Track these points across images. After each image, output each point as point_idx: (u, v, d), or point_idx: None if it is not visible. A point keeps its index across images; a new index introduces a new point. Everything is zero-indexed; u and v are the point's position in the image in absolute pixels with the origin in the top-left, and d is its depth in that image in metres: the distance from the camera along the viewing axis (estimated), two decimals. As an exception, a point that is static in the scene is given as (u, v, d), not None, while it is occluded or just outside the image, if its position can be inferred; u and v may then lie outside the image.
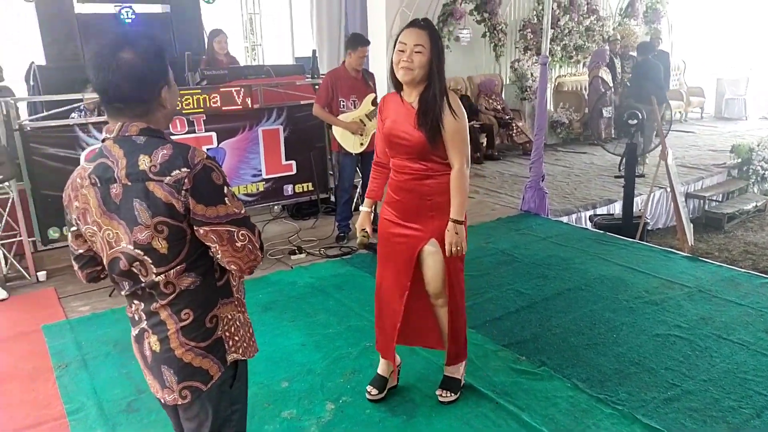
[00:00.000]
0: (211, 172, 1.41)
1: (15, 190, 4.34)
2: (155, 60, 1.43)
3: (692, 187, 7.51)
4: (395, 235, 2.59)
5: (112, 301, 4.02)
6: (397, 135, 2.46)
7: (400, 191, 2.55)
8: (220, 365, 1.51)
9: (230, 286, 1.55)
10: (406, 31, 2.38)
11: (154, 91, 1.44)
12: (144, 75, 1.41)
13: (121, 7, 6.01)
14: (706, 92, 12.29)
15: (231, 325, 1.54)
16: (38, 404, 2.89)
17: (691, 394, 2.80)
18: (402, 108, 2.47)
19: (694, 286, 4.00)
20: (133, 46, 1.40)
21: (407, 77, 2.37)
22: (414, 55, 2.33)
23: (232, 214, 1.42)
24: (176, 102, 1.55)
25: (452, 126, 2.40)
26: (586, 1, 10.09)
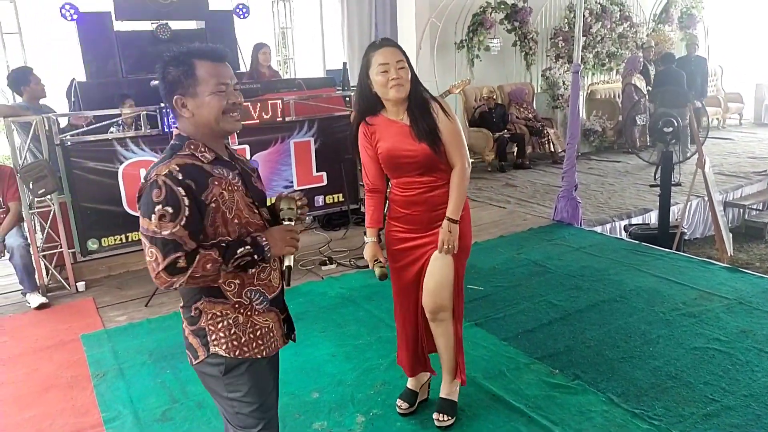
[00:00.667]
0: (154, 188, 1.51)
1: (56, 203, 4.48)
2: (172, 71, 1.59)
3: (731, 195, 7.30)
4: (407, 248, 2.56)
5: (148, 311, 4.11)
6: (400, 155, 2.42)
7: (410, 205, 2.51)
8: (204, 350, 1.67)
9: (220, 289, 1.64)
10: (381, 51, 2.35)
11: (170, 99, 1.62)
12: (163, 83, 1.62)
13: (158, 24, 6.17)
14: (745, 98, 11.97)
15: (218, 322, 1.66)
16: (77, 412, 2.96)
17: (732, 409, 2.71)
18: (393, 128, 2.44)
19: (733, 298, 3.88)
20: (165, 60, 1.61)
21: (401, 93, 2.36)
22: (400, 71, 2.34)
23: (151, 231, 1.52)
24: (208, 111, 1.60)
25: (448, 128, 2.40)
26: (619, 7, 9.96)
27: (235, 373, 1.68)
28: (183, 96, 1.60)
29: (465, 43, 8.49)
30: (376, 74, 2.35)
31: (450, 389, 2.75)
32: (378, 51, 2.36)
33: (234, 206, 1.62)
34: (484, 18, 8.40)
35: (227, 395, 1.70)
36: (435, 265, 2.51)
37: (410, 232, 2.54)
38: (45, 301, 4.27)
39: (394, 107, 2.43)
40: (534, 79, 9.51)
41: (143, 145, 4.66)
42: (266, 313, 1.72)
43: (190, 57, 1.59)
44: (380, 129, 2.47)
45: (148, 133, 4.70)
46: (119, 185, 4.59)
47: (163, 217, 1.50)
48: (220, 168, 1.64)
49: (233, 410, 1.72)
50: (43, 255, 4.55)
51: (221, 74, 1.61)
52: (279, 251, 1.66)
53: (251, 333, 1.69)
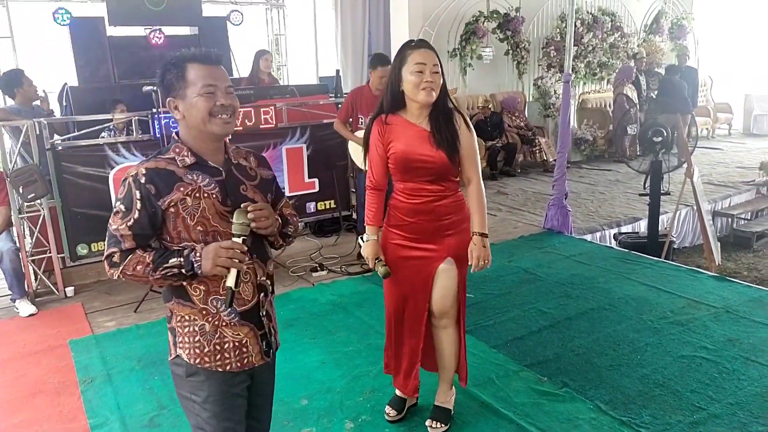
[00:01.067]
0: (122, 186, 1.60)
1: (46, 208, 4.46)
2: (166, 75, 1.65)
3: (720, 204, 7.37)
4: (409, 258, 2.52)
5: (137, 316, 4.09)
6: (416, 159, 2.39)
7: (416, 214, 2.47)
8: (174, 349, 1.72)
9: (187, 292, 1.66)
10: (420, 52, 2.35)
11: (164, 100, 1.68)
12: (160, 91, 1.74)
13: (151, 30, 6.18)
14: (734, 108, 12.09)
15: (185, 325, 1.68)
16: (63, 418, 2.94)
17: (718, 417, 2.73)
18: (411, 131, 2.42)
19: (721, 307, 3.92)
20: (163, 63, 1.68)
21: (431, 98, 2.35)
22: (434, 75, 2.33)
23: (108, 224, 1.62)
24: (197, 114, 1.62)
25: (468, 141, 2.42)
26: (610, 18, 10.06)
27: (196, 378, 1.69)
28: (174, 98, 1.64)
29: (458, 52, 8.54)
30: (409, 73, 2.34)
31: (446, 397, 2.75)
32: (416, 51, 2.36)
33: (197, 213, 1.60)
34: (477, 27, 8.46)
35: (190, 396, 1.72)
36: (442, 277, 2.51)
37: (412, 241, 2.50)
38: (34, 311, 4.24)
39: (418, 110, 2.42)
40: (526, 88, 9.57)
41: (134, 150, 4.66)
42: (238, 326, 1.68)
43: (183, 61, 1.63)
44: (396, 129, 2.44)
45: (139, 138, 4.70)
46: (110, 190, 4.58)
47: (117, 213, 1.59)
48: (195, 174, 1.63)
49: (194, 412, 1.72)
50: (32, 260, 4.52)
51: (210, 76, 1.62)
52: (209, 269, 1.54)
53: (217, 344, 1.67)
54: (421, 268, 2.52)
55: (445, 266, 2.51)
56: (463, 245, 2.50)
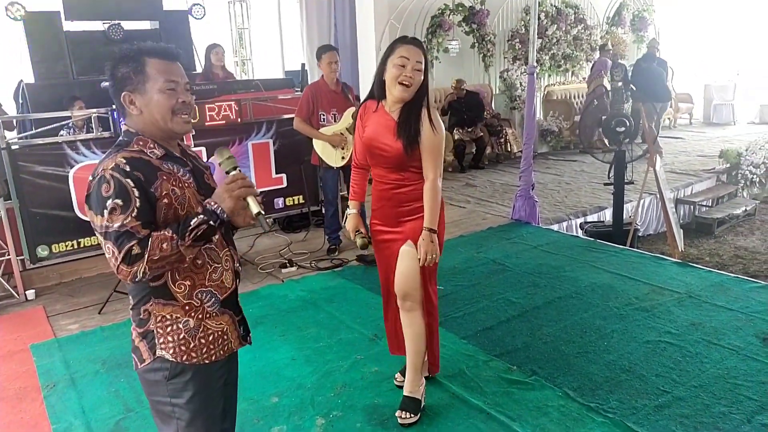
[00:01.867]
0: (104, 183, 1.49)
1: (3, 209, 4.32)
2: (120, 68, 1.58)
3: (682, 192, 7.55)
4: (383, 240, 2.69)
5: (101, 318, 4.00)
6: (377, 146, 2.54)
7: (381, 200, 2.65)
8: (150, 353, 1.62)
9: (170, 291, 1.60)
10: (408, 47, 2.44)
11: (117, 96, 1.59)
12: (111, 82, 1.59)
13: (109, 24, 6.01)
14: (695, 98, 12.40)
15: (167, 325, 1.62)
16: (25, 425, 2.86)
17: (682, 400, 2.80)
18: (382, 119, 2.54)
19: (684, 292, 4.01)
20: (112, 56, 1.60)
21: (404, 93, 2.44)
22: (414, 72, 2.42)
23: (104, 227, 1.49)
24: (158, 111, 1.58)
25: (430, 140, 2.48)
26: (574, 10, 10.19)
27: (181, 378, 1.63)
28: (131, 93, 1.57)
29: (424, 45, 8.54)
30: (393, 65, 2.43)
31: (414, 386, 2.76)
32: (404, 45, 2.45)
33: (186, 203, 1.59)
34: (443, 20, 8.48)
35: (170, 400, 1.64)
36: (402, 257, 2.61)
37: (382, 225, 2.68)
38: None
39: (392, 101, 2.51)
40: (492, 81, 9.64)
41: (95, 148, 4.53)
42: (219, 316, 1.68)
43: (140, 54, 1.57)
44: (373, 116, 2.58)
45: (99, 135, 4.58)
46: (70, 190, 4.46)
47: (114, 211, 1.47)
48: (170, 164, 1.60)
49: (173, 417, 1.65)
50: (-11, 263, 4.38)
51: (171, 72, 1.59)
52: (231, 204, 1.54)
53: (202, 338, 1.65)
54: (388, 249, 2.67)
55: (405, 248, 2.61)
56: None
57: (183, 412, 1.65)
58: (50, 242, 4.45)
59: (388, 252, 2.67)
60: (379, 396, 2.90)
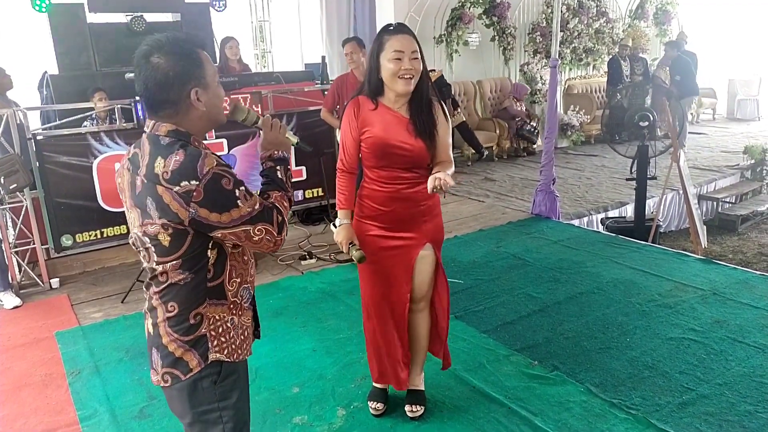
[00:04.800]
0: (221, 179, 1.43)
1: (29, 198, 4.38)
2: (182, 62, 1.46)
3: (705, 188, 7.44)
4: (387, 248, 2.47)
5: (124, 307, 4.05)
6: (394, 145, 2.33)
7: (392, 201, 2.42)
8: (201, 360, 1.54)
9: (224, 289, 1.57)
10: (398, 38, 2.25)
11: (182, 93, 1.47)
12: (167, 77, 1.45)
13: (132, 16, 6.06)
14: (718, 93, 12.20)
15: (219, 326, 1.57)
16: (51, 410, 2.90)
17: (707, 398, 2.76)
18: (389, 116, 2.35)
19: (708, 289, 3.95)
20: (162, 48, 1.46)
21: (409, 87, 2.28)
22: (413, 61, 2.25)
23: (245, 214, 1.46)
24: (218, 103, 1.55)
25: (444, 129, 2.38)
26: (596, 3, 10.06)
27: (230, 378, 1.59)
28: (197, 87, 1.48)
29: (444, 38, 8.49)
30: (387, 60, 2.25)
31: (417, 380, 2.76)
32: (394, 36, 2.26)
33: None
34: (463, 13, 8.41)
35: (218, 405, 1.58)
36: (423, 263, 2.50)
37: (390, 231, 2.45)
38: (19, 303, 4.17)
39: (395, 97, 2.35)
40: (512, 74, 9.55)
41: (118, 139, 4.58)
42: (247, 311, 1.66)
43: (192, 45, 1.49)
44: (373, 114, 2.37)
45: (122, 126, 4.63)
46: (94, 180, 4.51)
47: (246, 195, 1.47)
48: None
49: (220, 422, 1.59)
50: (15, 251, 4.45)
51: (212, 63, 1.56)
52: (284, 144, 1.71)
53: (242, 334, 1.63)
54: (401, 256, 2.48)
55: (424, 252, 2.50)
56: (439, 229, 2.55)
57: (230, 414, 1.60)
58: (74, 232, 4.52)
59: (397, 259, 2.47)
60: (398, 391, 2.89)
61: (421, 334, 2.66)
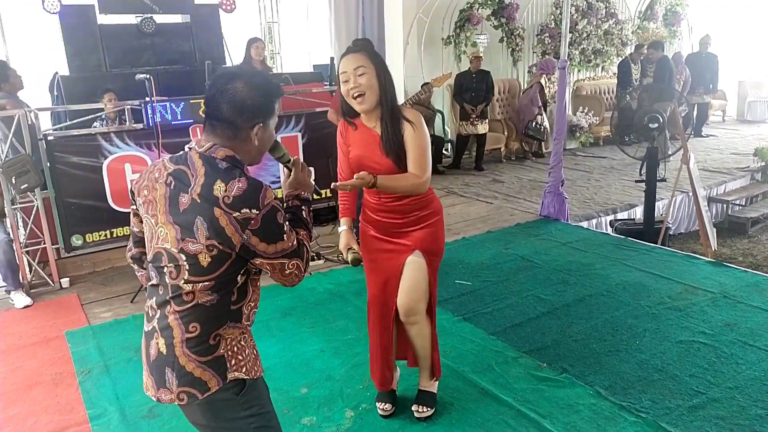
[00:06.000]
0: (277, 212, 1.51)
1: (39, 198, 4.41)
2: (260, 97, 1.55)
3: (715, 191, 7.40)
4: (381, 250, 2.55)
5: (133, 307, 4.07)
6: (367, 165, 2.37)
7: (380, 212, 2.50)
8: (219, 380, 1.56)
9: (242, 314, 1.60)
10: (344, 59, 2.30)
11: (248, 123, 1.54)
12: (243, 104, 1.52)
13: (142, 18, 6.09)
14: (728, 95, 12.12)
15: (234, 346, 1.59)
16: (61, 409, 2.92)
17: (717, 401, 2.74)
18: (366, 135, 2.41)
19: (718, 292, 3.93)
20: (247, 79, 1.55)
21: (363, 105, 2.30)
22: (359, 78, 2.26)
23: (287, 248, 1.55)
24: (267, 145, 1.63)
25: (413, 141, 2.34)
26: (605, 4, 10.02)
27: (253, 388, 1.63)
28: (261, 124, 1.57)
29: (452, 39, 8.50)
30: (341, 83, 2.32)
31: (428, 382, 2.76)
32: (343, 58, 2.31)
33: None
34: (471, 14, 8.41)
35: (244, 414, 1.61)
36: (409, 269, 2.50)
37: (383, 235, 2.54)
38: (30, 303, 4.20)
39: (366, 115, 2.38)
40: (521, 76, 9.54)
41: (128, 139, 4.61)
42: (250, 332, 1.69)
43: (274, 92, 1.61)
44: (354, 134, 2.45)
45: (132, 127, 4.65)
46: (104, 180, 4.54)
47: (290, 231, 1.56)
48: None
49: (252, 427, 1.63)
50: (26, 251, 4.48)
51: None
52: (309, 184, 1.75)
53: (252, 352, 1.66)
54: (391, 260, 2.53)
55: (412, 258, 2.49)
56: (432, 238, 2.51)
57: (260, 418, 1.63)
58: (84, 232, 4.55)
59: (386, 263, 2.54)
60: (407, 390, 2.89)
61: (420, 345, 2.65)
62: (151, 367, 1.58)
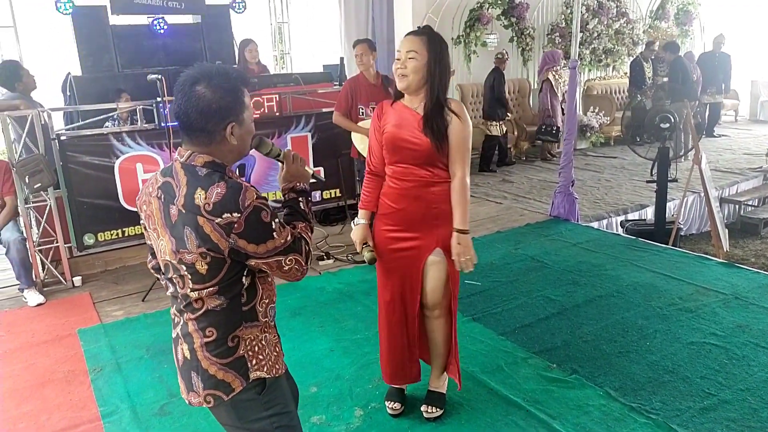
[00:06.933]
0: (260, 211, 1.48)
1: (52, 198, 4.46)
2: (226, 96, 1.49)
3: (727, 191, 7.33)
4: (398, 249, 2.50)
5: (144, 306, 4.10)
6: (402, 138, 2.38)
7: (404, 199, 2.45)
8: (242, 380, 1.58)
9: (256, 312, 1.61)
10: (403, 39, 2.37)
11: (220, 125, 1.50)
12: (209, 108, 1.48)
13: (153, 18, 6.13)
14: (741, 95, 12.01)
15: (254, 345, 1.61)
16: (74, 406, 2.95)
17: (729, 403, 2.73)
18: (405, 113, 2.41)
19: (730, 293, 3.90)
20: (209, 80, 1.49)
21: (402, 84, 2.36)
22: (407, 61, 2.31)
23: (279, 246, 1.52)
24: (248, 139, 1.60)
25: (458, 134, 2.35)
26: (616, 4, 9.97)
27: (274, 389, 1.65)
28: (234, 123, 1.52)
29: (462, 39, 8.48)
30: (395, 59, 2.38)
31: (438, 382, 2.76)
32: (404, 38, 2.37)
33: None
34: (481, 14, 8.40)
35: (266, 413, 1.63)
36: (432, 270, 2.49)
37: (401, 231, 2.47)
38: (42, 301, 4.24)
39: (409, 96, 2.41)
40: (531, 75, 9.51)
41: (140, 139, 4.65)
42: (273, 328, 1.70)
43: (239, 83, 1.54)
44: (393, 112, 2.45)
45: (144, 127, 4.69)
46: (115, 180, 4.58)
47: (280, 227, 1.53)
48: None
49: (273, 427, 1.64)
50: (39, 250, 4.53)
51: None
52: (305, 176, 1.76)
53: (274, 350, 1.67)
54: (411, 260, 2.49)
55: (434, 258, 2.48)
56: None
57: (281, 418, 1.65)
58: (96, 231, 4.59)
59: (408, 261, 2.49)
60: (416, 390, 2.89)
61: (437, 340, 2.65)
62: (180, 372, 1.64)
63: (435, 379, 2.76)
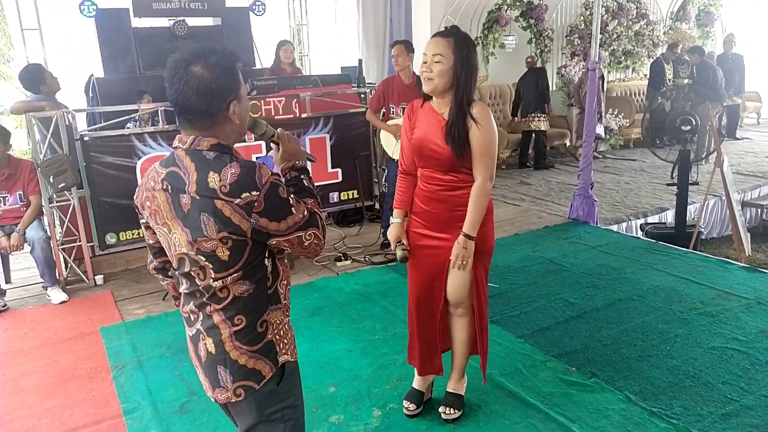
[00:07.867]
0: (278, 187, 1.46)
1: (76, 197, 4.53)
2: (224, 74, 1.46)
3: (749, 195, 7.22)
4: (426, 246, 2.54)
5: (165, 304, 4.15)
6: (427, 147, 2.41)
7: (431, 201, 2.50)
8: (272, 366, 1.56)
9: (278, 294, 1.59)
10: (429, 42, 2.36)
11: (222, 105, 1.47)
12: (211, 88, 1.44)
13: (174, 21, 6.20)
14: (763, 96, 11.83)
15: (280, 329, 1.59)
16: (96, 402, 3.00)
17: (751, 409, 2.69)
18: (432, 118, 2.42)
19: (752, 298, 3.85)
20: (204, 59, 1.44)
21: (428, 87, 2.37)
22: (433, 65, 2.31)
23: (299, 221, 1.50)
24: (246, 117, 1.57)
25: (478, 139, 2.33)
26: (636, 5, 9.88)
27: (291, 377, 1.62)
28: (235, 100, 1.48)
29: (480, 41, 8.46)
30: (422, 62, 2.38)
31: (457, 383, 2.77)
32: (430, 40, 2.37)
33: None
34: (500, 15, 8.37)
35: (282, 405, 1.60)
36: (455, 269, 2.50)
37: (429, 229, 2.53)
38: (66, 299, 4.32)
39: (437, 99, 2.42)
40: (549, 77, 9.44)
41: (161, 140, 4.70)
42: (289, 310, 1.68)
43: (233, 59, 1.49)
44: (422, 116, 2.47)
45: (165, 128, 4.74)
46: (137, 180, 4.63)
47: (297, 203, 1.51)
48: None
49: (282, 426, 1.61)
50: (62, 248, 4.60)
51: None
52: (300, 152, 1.72)
53: (292, 331, 1.67)
54: (436, 257, 2.53)
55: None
56: (480, 237, 2.48)
57: (291, 412, 1.63)
58: (118, 230, 4.65)
59: (435, 259, 2.53)
60: (435, 391, 2.90)
61: (459, 339, 2.67)
62: (204, 369, 1.59)
63: (453, 380, 2.77)
